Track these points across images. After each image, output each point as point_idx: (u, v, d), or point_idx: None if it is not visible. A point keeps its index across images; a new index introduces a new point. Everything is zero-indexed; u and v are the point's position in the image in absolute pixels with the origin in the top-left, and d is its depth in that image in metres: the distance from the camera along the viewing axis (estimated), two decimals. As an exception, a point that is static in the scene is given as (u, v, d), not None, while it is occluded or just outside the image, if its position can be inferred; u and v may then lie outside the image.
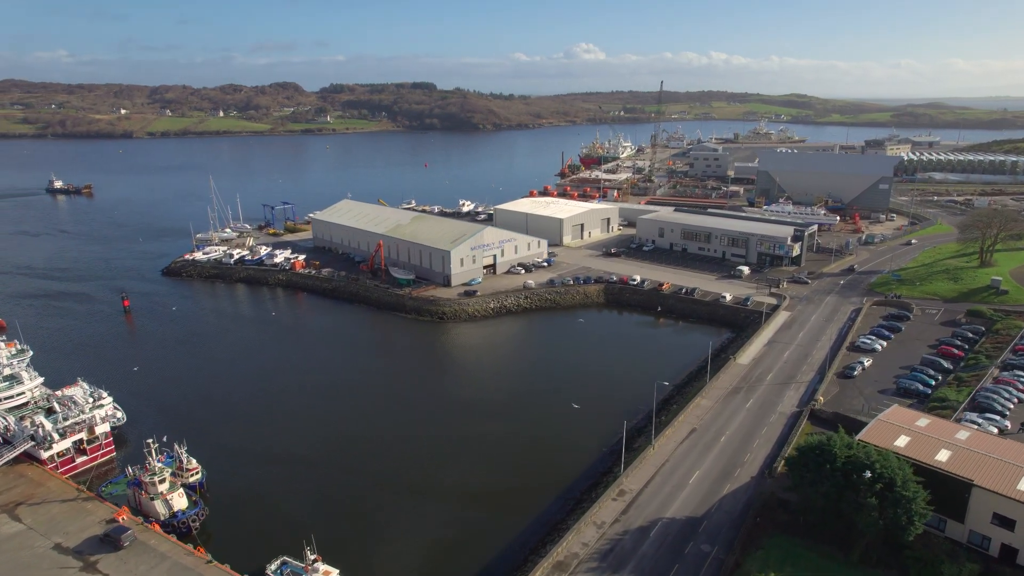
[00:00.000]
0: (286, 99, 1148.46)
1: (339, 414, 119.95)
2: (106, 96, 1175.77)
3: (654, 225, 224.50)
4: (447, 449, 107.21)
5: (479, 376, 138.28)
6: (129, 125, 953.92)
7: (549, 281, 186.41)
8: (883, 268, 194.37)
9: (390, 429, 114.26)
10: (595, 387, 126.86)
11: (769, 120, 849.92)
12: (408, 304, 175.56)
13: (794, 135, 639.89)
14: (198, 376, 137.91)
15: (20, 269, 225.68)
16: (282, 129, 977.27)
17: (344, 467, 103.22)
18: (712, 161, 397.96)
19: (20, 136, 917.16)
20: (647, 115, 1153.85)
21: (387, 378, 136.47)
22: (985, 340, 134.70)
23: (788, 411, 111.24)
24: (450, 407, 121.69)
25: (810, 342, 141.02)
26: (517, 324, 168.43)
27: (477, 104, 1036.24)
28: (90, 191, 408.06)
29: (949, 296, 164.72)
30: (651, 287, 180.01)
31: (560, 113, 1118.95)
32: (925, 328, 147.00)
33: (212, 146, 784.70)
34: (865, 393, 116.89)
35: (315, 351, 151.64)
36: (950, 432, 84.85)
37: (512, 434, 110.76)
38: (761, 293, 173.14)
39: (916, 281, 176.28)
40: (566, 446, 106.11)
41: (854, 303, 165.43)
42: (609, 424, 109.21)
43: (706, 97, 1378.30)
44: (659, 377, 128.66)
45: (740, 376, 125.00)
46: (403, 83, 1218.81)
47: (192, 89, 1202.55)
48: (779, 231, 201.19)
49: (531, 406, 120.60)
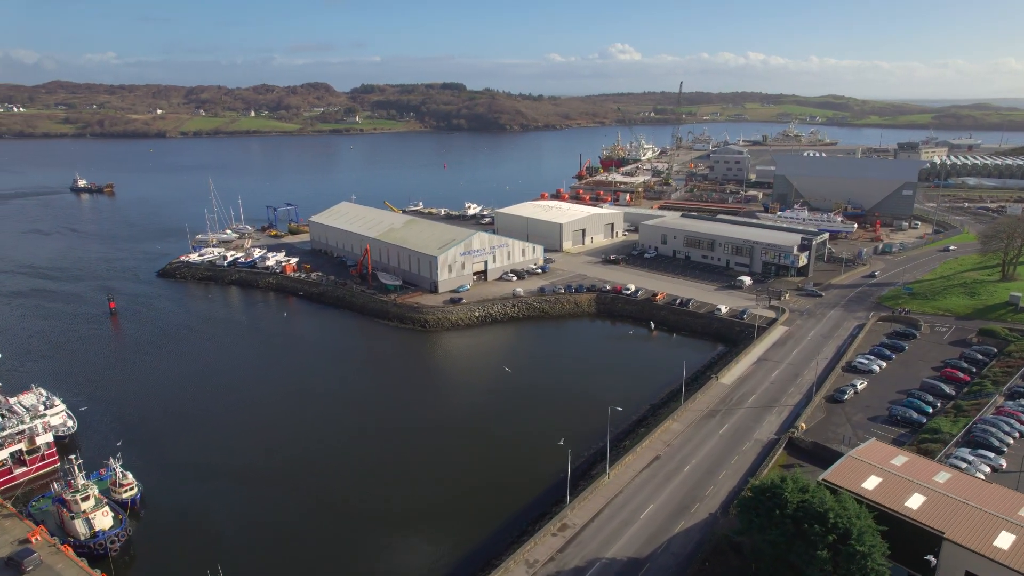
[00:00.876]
0: (316, 99, 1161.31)
1: (300, 429, 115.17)
2: (145, 96, 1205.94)
3: (656, 231, 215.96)
4: (398, 469, 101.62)
5: (450, 391, 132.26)
6: (163, 125, 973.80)
7: (539, 289, 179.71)
8: (897, 280, 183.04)
9: (348, 446, 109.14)
10: (568, 406, 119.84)
11: (802, 122, 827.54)
12: (392, 311, 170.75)
13: (825, 137, 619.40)
14: (166, 384, 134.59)
15: (21, 268, 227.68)
16: (311, 129, 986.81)
17: (290, 486, 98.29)
18: (733, 164, 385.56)
19: (61, 136, 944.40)
20: (678, 116, 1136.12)
21: (357, 391, 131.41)
22: (995, 363, 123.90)
23: (765, 439, 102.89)
24: (413, 424, 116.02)
25: (803, 361, 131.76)
26: (502, 334, 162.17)
27: (505, 105, 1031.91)
28: (112, 190, 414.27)
29: (963, 313, 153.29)
30: (645, 297, 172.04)
31: (589, 114, 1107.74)
32: (932, 347, 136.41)
33: (240, 146, 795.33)
34: (853, 420, 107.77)
35: (290, 359, 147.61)
36: (928, 473, 76.06)
37: (468, 456, 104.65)
38: (760, 305, 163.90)
39: (929, 295, 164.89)
40: (523, 471, 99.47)
41: (859, 318, 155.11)
42: (576, 448, 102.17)
43: (739, 98, 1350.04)
44: (640, 395, 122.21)
45: (720, 397, 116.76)
46: (433, 83, 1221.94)
47: (226, 89, 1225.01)
48: (785, 239, 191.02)
49: (495, 425, 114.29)
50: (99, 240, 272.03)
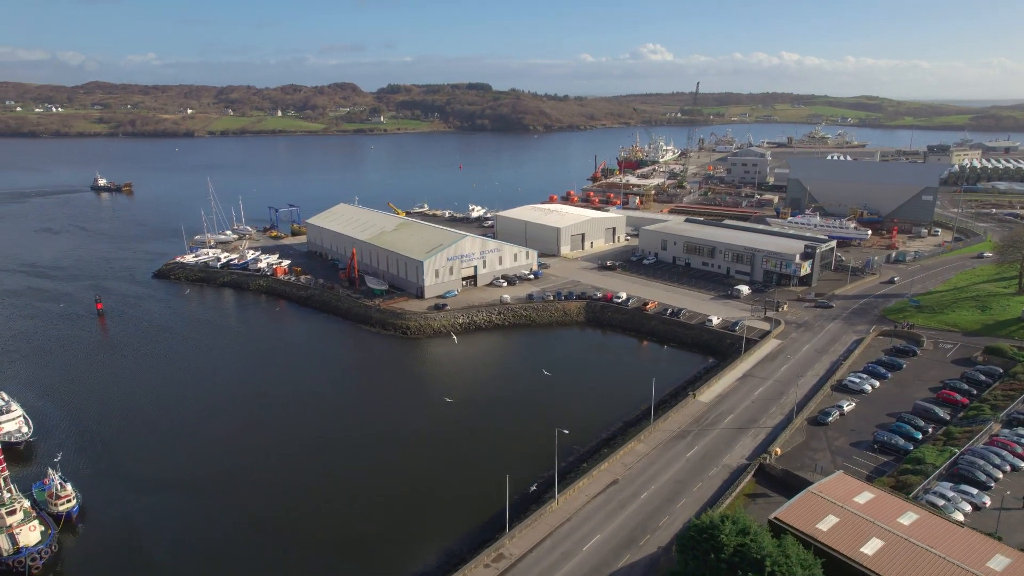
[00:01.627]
0: (343, 99, 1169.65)
1: (257, 440, 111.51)
2: (177, 97, 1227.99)
3: (656, 237, 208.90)
4: (345, 486, 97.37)
5: (416, 402, 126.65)
6: (192, 124, 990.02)
7: (528, 296, 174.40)
8: (906, 291, 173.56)
9: (299, 460, 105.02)
10: (537, 422, 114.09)
11: (832, 123, 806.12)
12: (374, 316, 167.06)
13: (853, 139, 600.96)
14: (136, 389, 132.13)
15: (23, 266, 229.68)
16: (335, 129, 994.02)
17: (233, 501, 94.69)
18: (751, 167, 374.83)
19: (95, 135, 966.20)
20: (705, 117, 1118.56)
21: (323, 401, 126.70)
22: (998, 385, 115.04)
23: (735, 464, 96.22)
24: (369, 437, 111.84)
25: (791, 378, 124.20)
26: (485, 342, 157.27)
27: (529, 105, 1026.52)
28: (130, 189, 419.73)
29: (971, 328, 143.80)
30: (636, 306, 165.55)
31: (614, 115, 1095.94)
32: (932, 366, 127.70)
33: (263, 145, 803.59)
34: (834, 446, 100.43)
35: (264, 366, 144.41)
36: (893, 513, 69.15)
37: (416, 473, 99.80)
38: (756, 316, 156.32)
39: (937, 308, 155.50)
40: (470, 493, 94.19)
41: (859, 332, 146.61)
42: (533, 469, 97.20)
43: (769, 99, 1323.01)
44: (613, 412, 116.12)
45: (694, 417, 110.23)
46: (459, 84, 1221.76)
47: (255, 89, 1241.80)
48: (787, 247, 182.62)
49: (451, 441, 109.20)
50: (105, 239, 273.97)
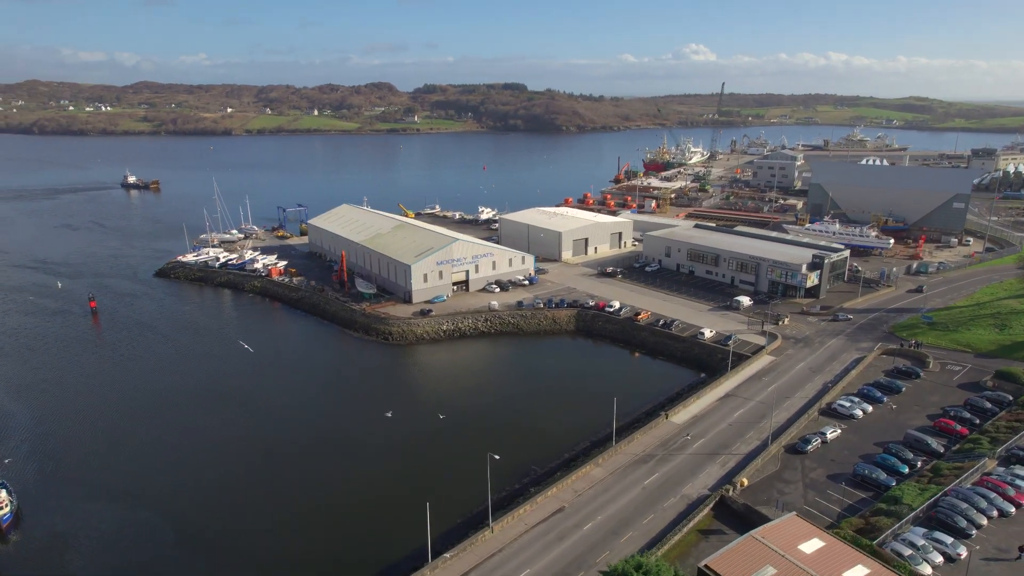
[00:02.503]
0: (378, 99, 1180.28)
1: (207, 449, 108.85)
2: (219, 96, 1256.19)
3: (661, 243, 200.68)
4: (281, 503, 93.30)
5: (381, 413, 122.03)
6: (230, 123, 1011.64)
7: (517, 303, 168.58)
8: (922, 305, 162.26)
9: (236, 472, 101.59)
10: (493, 440, 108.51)
11: (873, 125, 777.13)
12: (359, 321, 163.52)
13: (893, 142, 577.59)
14: (107, 392, 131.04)
15: (34, 262, 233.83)
16: (369, 128, 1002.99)
17: (169, 514, 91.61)
18: (778, 170, 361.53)
19: (139, 133, 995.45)
20: (743, 118, 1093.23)
21: (280, 408, 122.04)
22: (1004, 415, 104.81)
23: (695, 494, 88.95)
24: (315, 449, 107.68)
25: (778, 399, 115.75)
26: (467, 351, 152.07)
27: (562, 105, 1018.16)
28: (157, 186, 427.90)
29: (985, 349, 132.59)
30: (628, 316, 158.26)
31: (650, 115, 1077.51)
32: (935, 390, 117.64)
33: (296, 144, 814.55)
34: (809, 477, 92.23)
35: (238, 372, 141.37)
36: (840, 566, 61.55)
37: (353, 492, 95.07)
38: (752, 330, 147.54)
39: (951, 326, 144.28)
40: (400, 519, 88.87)
41: (862, 349, 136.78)
42: (477, 492, 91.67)
43: (811, 100, 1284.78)
44: (580, 430, 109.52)
45: (662, 440, 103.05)
46: (494, 84, 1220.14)
47: (294, 88, 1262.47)
48: (794, 256, 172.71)
49: (404, 457, 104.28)
50: (119, 236, 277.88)
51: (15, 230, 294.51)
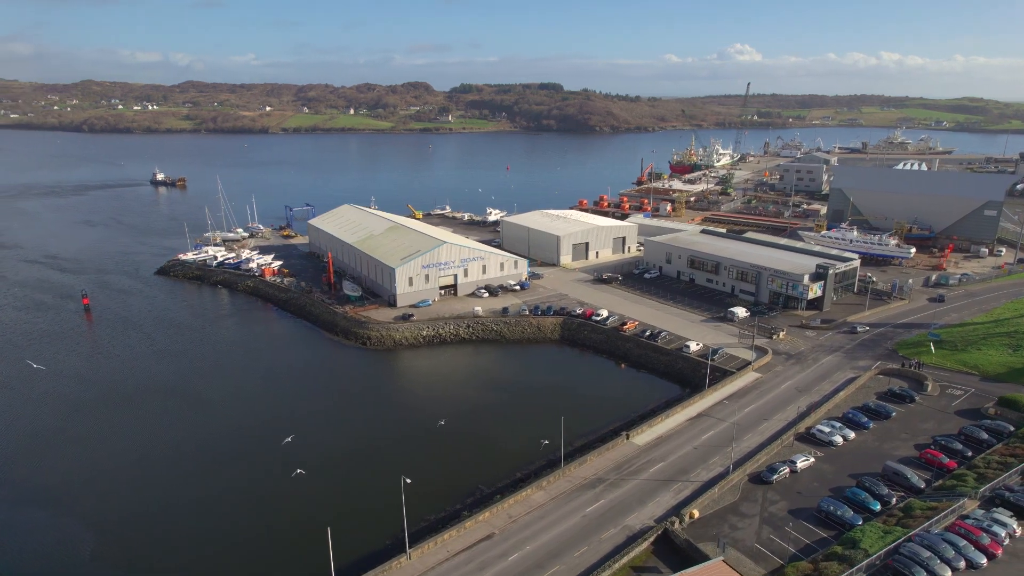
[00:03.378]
0: (414, 98, 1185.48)
1: (144, 454, 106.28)
2: (260, 95, 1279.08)
3: (661, 249, 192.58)
4: (197, 517, 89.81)
5: (332, 425, 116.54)
6: (268, 121, 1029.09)
7: (502, 309, 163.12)
8: (936, 321, 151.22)
9: (159, 480, 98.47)
10: (452, 457, 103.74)
11: (922, 126, 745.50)
12: (340, 324, 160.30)
13: (937, 145, 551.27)
14: (67, 391, 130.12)
15: (45, 257, 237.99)
16: (403, 128, 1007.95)
17: (92, 522, 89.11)
18: (805, 174, 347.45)
19: (180, 131, 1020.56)
20: (783, 120, 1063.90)
21: (232, 419, 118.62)
22: (1000, 448, 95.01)
23: (637, 526, 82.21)
24: (274, 463, 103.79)
25: (754, 421, 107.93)
26: (445, 358, 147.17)
27: (596, 106, 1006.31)
28: (184, 184, 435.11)
29: (993, 372, 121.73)
30: (614, 326, 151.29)
31: (687, 116, 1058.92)
32: (929, 416, 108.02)
33: (329, 143, 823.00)
34: (768, 511, 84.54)
35: (205, 374, 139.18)
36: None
37: (296, 514, 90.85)
38: (743, 344, 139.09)
39: (960, 345, 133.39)
40: (314, 549, 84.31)
41: (859, 368, 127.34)
42: (410, 513, 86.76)
43: (856, 102, 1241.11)
44: (534, 450, 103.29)
45: (617, 463, 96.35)
46: (530, 84, 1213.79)
47: (332, 88, 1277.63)
48: (797, 266, 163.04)
49: (350, 477, 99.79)
50: (133, 233, 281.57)
51: (38, 225, 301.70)
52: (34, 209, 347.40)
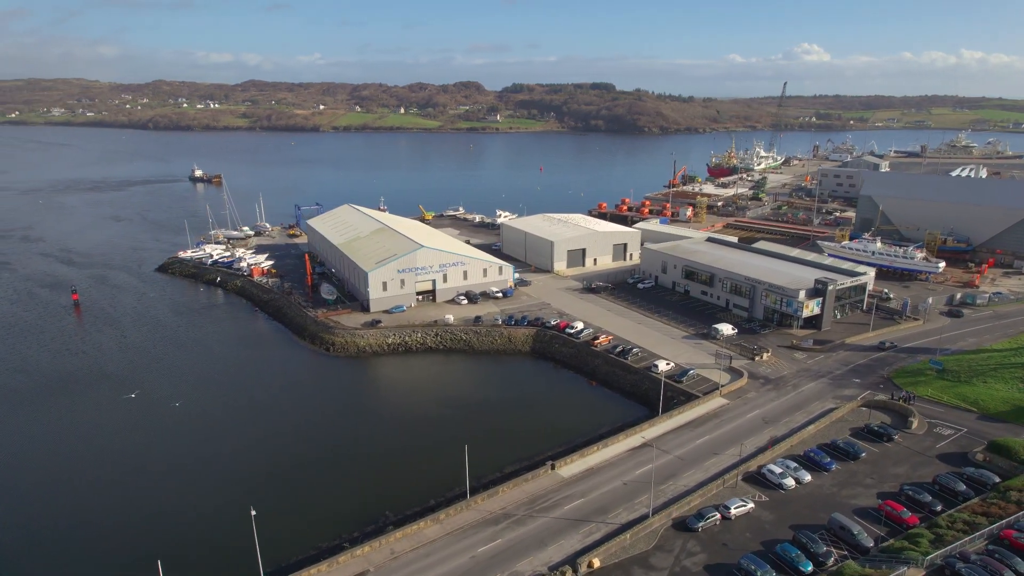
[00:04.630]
0: (464, 98, 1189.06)
1: (69, 458, 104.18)
2: (316, 94, 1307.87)
3: (657, 258, 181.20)
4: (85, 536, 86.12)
5: (250, 443, 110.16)
6: (320, 120, 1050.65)
7: (475, 318, 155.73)
8: (948, 346, 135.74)
9: (66, 489, 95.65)
10: (362, 481, 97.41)
11: (992, 129, 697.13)
12: (309, 328, 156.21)
13: (1007, 149, 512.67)
14: (18, 389, 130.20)
15: (59, 251, 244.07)
16: (450, 127, 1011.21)
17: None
18: (844, 179, 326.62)
19: (236, 129, 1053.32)
20: (843, 122, 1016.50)
21: (178, 435, 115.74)
22: (975, 502, 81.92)
23: (527, 573, 73.52)
24: (183, 476, 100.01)
25: (702, 455, 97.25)
26: (405, 368, 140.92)
27: (646, 106, 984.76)
28: (220, 180, 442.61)
29: (994, 410, 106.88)
30: (587, 339, 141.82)
31: (741, 117, 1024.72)
32: (906, 458, 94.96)
33: (375, 141, 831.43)
34: (682, 565, 74.48)
35: (165, 376, 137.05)
36: None
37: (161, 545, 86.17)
38: (720, 366, 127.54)
39: (964, 376, 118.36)
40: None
41: (843, 398, 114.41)
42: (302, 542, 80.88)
43: (926, 103, 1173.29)
44: (456, 477, 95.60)
45: (533, 497, 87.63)
46: (582, 83, 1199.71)
47: (386, 87, 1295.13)
48: (794, 280, 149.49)
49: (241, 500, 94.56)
50: (152, 229, 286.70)
51: (69, 219, 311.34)
52: (72, 203, 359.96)
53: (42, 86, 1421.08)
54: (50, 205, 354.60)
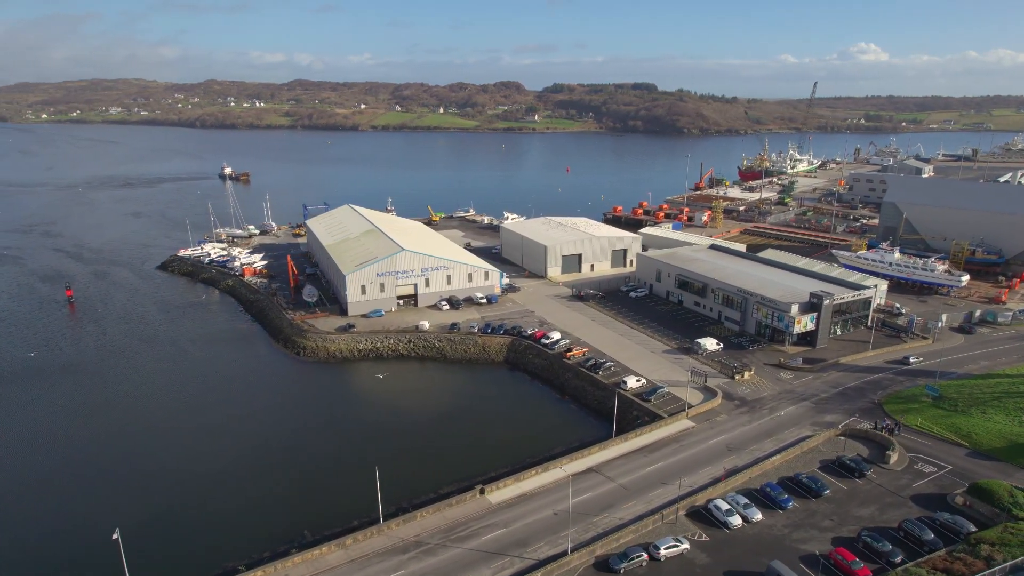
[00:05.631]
0: (503, 98, 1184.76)
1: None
2: (359, 93, 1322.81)
3: (652, 265, 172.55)
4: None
5: (161, 448, 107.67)
6: (359, 119, 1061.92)
7: (451, 325, 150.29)
8: (953, 370, 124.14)
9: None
10: (299, 494, 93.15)
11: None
12: (284, 330, 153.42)
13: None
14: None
15: (72, 247, 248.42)
16: (487, 127, 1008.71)
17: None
18: (877, 184, 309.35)
19: (279, 127, 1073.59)
20: (894, 124, 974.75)
21: (132, 442, 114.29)
22: (939, 555, 72.33)
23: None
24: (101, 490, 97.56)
25: (650, 485, 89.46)
26: (370, 376, 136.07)
27: (686, 107, 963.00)
28: (247, 178, 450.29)
29: (986, 446, 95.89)
30: (561, 351, 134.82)
31: (786, 119, 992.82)
32: (874, 498, 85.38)
33: (410, 140, 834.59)
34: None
35: (132, 377, 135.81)
36: None
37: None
38: (696, 384, 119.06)
39: (962, 405, 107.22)
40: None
41: (823, 424, 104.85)
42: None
43: (987, 103, 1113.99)
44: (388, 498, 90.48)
45: (452, 524, 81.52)
46: (623, 83, 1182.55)
47: (427, 87, 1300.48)
48: (787, 293, 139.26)
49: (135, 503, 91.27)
50: (168, 225, 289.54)
51: (91, 216, 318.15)
52: (100, 200, 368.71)
53: (104, 86, 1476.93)
54: (81, 200, 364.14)
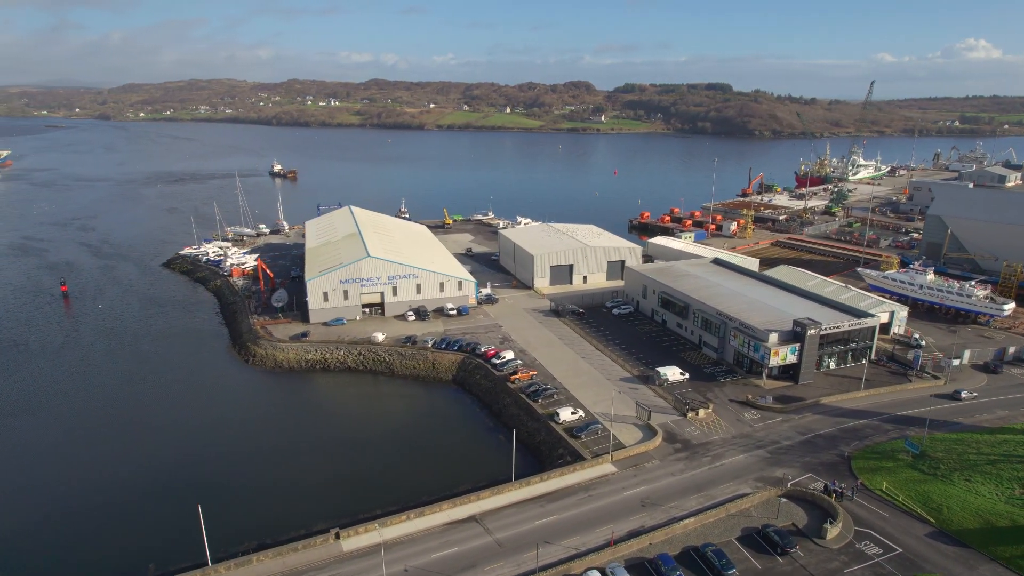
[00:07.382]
0: (572, 98, 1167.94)
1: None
2: (430, 93, 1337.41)
3: (639, 281, 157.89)
4: None
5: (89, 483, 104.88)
6: (426, 118, 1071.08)
7: (406, 338, 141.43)
8: (954, 420, 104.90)
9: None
10: (156, 525, 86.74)
11: None
12: (244, 335, 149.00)
13: None
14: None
15: (97, 241, 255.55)
16: (551, 127, 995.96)
17: None
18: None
19: (349, 125, 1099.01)
20: (994, 126, 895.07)
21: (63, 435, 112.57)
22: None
23: None
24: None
25: (530, 543, 77.09)
26: (310, 388, 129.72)
27: (759, 108, 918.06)
28: (294, 176, 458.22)
29: (955, 526, 77.85)
30: (507, 373, 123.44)
31: (867, 121, 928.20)
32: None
33: (472, 140, 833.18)
34: None
35: (58, 360, 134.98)
36: None
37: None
38: (641, 419, 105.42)
39: (945, 467, 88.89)
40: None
41: (770, 480, 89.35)
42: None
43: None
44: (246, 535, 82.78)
45: (294, 570, 72.26)
46: (696, 84, 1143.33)
47: (496, 86, 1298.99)
48: (766, 320, 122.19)
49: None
50: (192, 223, 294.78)
51: (128, 210, 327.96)
52: (145, 195, 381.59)
53: (198, 86, 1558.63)
54: (127, 195, 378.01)
